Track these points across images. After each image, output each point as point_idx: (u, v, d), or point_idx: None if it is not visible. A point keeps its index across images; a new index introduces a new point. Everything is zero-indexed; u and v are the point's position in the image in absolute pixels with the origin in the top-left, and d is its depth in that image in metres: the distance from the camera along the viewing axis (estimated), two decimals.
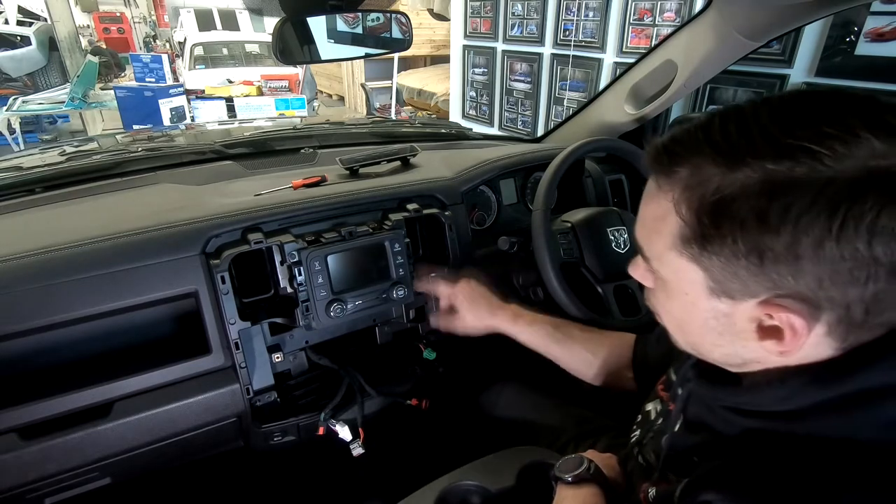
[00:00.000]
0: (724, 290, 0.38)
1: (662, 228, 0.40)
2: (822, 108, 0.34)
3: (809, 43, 1.98)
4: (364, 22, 1.04)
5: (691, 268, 0.39)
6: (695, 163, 0.37)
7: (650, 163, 0.41)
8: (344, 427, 0.92)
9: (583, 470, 0.60)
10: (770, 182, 0.33)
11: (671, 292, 0.43)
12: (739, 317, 0.39)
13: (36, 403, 0.72)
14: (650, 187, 0.42)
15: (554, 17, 3.07)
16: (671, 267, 0.41)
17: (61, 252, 0.75)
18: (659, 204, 0.40)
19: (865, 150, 0.31)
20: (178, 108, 4.90)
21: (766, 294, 0.36)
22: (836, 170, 0.31)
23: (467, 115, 4.05)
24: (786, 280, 0.35)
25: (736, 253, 0.35)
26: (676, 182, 0.38)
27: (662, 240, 0.40)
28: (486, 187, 1.17)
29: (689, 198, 0.37)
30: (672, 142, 0.39)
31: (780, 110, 0.35)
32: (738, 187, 0.34)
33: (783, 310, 0.36)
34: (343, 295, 0.89)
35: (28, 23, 6.84)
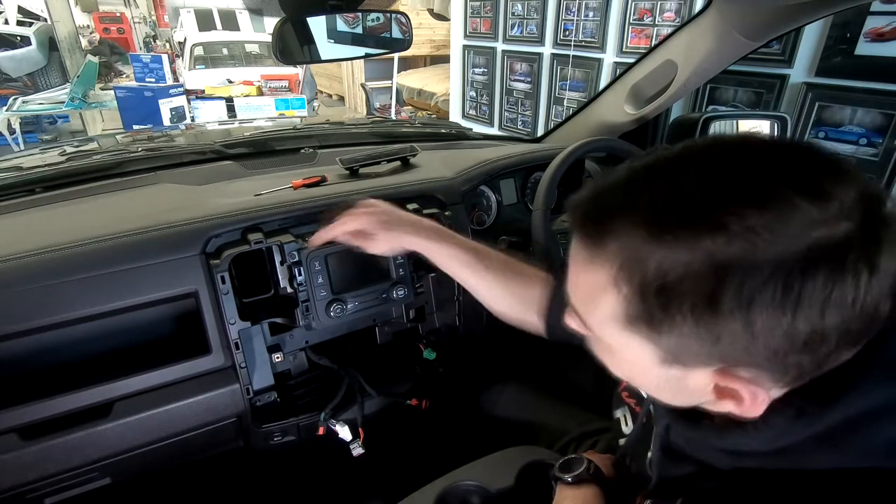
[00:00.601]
0: (676, 360, 0.36)
1: (601, 302, 0.37)
2: (749, 169, 0.32)
3: (809, 43, 1.98)
4: (364, 22, 1.04)
5: (638, 342, 0.36)
6: (626, 236, 0.34)
7: (576, 226, 0.38)
8: (344, 427, 0.92)
9: (583, 470, 0.60)
10: (715, 263, 0.31)
11: (618, 358, 0.41)
12: (694, 381, 0.37)
13: (36, 403, 0.72)
14: (580, 251, 0.38)
15: (554, 17, 3.07)
16: (615, 339, 0.38)
17: (61, 252, 0.75)
18: (595, 275, 0.36)
19: (804, 221, 0.30)
20: (178, 108, 4.90)
21: (720, 364, 0.35)
22: (781, 246, 0.30)
23: (467, 115, 4.06)
24: (740, 354, 0.33)
25: (687, 332, 0.33)
26: (611, 257, 0.35)
27: (602, 312, 0.37)
28: (486, 187, 1.17)
29: (629, 278, 0.34)
30: (598, 209, 0.36)
31: (706, 172, 0.33)
32: (682, 269, 0.32)
33: (737, 377, 0.34)
34: (343, 295, 0.89)
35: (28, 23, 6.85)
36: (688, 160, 0.34)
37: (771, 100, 2.15)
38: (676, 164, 0.34)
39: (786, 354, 0.32)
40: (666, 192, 0.33)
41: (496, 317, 0.79)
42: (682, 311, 0.32)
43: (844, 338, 0.32)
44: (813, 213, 0.30)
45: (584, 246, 0.37)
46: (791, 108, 2.07)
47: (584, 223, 0.37)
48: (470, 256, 0.76)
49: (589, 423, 0.87)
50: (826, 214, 0.30)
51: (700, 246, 0.31)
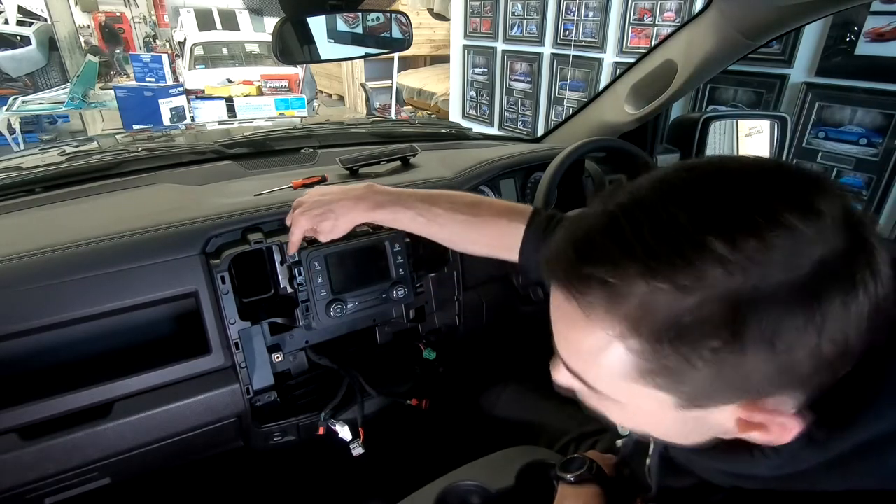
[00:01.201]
0: (696, 403, 0.34)
1: (606, 360, 0.34)
2: (735, 195, 0.31)
3: (809, 43, 1.99)
4: (364, 22, 1.04)
5: (653, 393, 0.34)
6: (625, 287, 0.31)
7: (560, 282, 0.35)
8: (344, 427, 0.92)
9: (584, 470, 0.60)
10: (728, 299, 0.29)
11: (629, 411, 0.38)
12: (715, 419, 0.35)
13: (36, 403, 0.72)
14: (570, 309, 0.35)
15: (554, 17, 3.07)
16: (623, 393, 0.36)
17: (61, 252, 0.75)
18: (593, 333, 0.34)
19: (803, 241, 0.29)
20: (178, 108, 4.90)
21: (744, 399, 0.33)
22: (789, 270, 0.29)
23: (467, 115, 4.06)
24: (765, 386, 0.32)
25: (709, 375, 0.31)
26: (611, 312, 0.32)
27: (608, 370, 0.34)
28: (486, 187, 1.17)
29: (636, 330, 0.31)
30: (582, 262, 0.33)
31: (692, 204, 0.31)
32: (695, 311, 0.30)
33: (763, 409, 0.33)
34: (343, 295, 0.89)
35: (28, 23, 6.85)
36: (667, 194, 0.33)
37: (771, 100, 2.15)
38: (657, 201, 0.32)
39: (810, 377, 0.31)
40: (655, 232, 0.31)
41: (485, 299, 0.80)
42: (702, 355, 0.30)
43: (863, 348, 0.31)
44: (810, 231, 0.29)
45: (573, 304, 0.34)
46: (791, 108, 2.07)
47: (570, 279, 0.34)
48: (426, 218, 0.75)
49: (589, 423, 0.87)
50: (822, 231, 0.29)
51: (707, 284, 0.29)
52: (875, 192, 1.92)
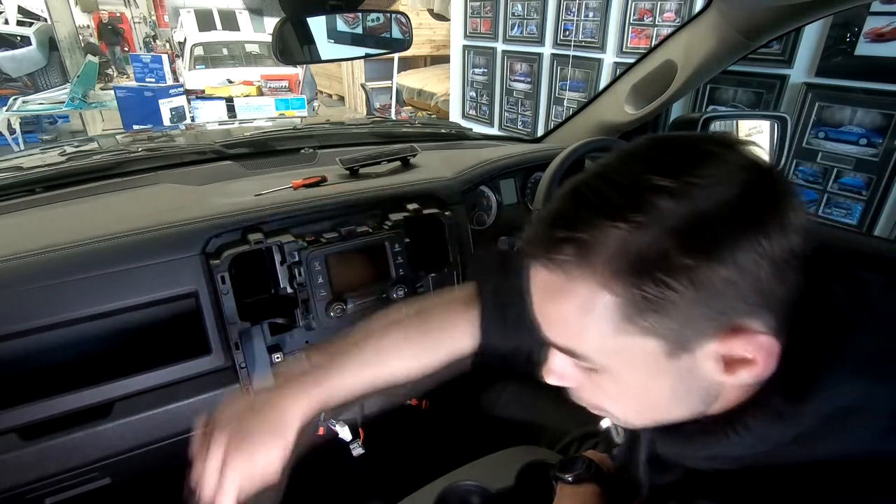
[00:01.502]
0: (682, 345, 0.36)
1: (595, 314, 0.36)
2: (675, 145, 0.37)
3: (809, 43, 1.99)
4: (364, 22, 1.04)
5: (644, 340, 0.36)
6: (600, 238, 0.35)
7: (541, 256, 0.38)
8: (344, 427, 0.92)
9: (583, 469, 0.60)
10: (685, 223, 0.33)
11: (622, 379, 0.40)
12: (703, 365, 0.37)
13: (36, 403, 0.73)
14: (552, 280, 0.37)
15: (554, 17, 3.07)
16: (617, 351, 0.38)
17: (61, 252, 0.75)
18: (579, 292, 0.36)
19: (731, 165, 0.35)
20: (178, 108, 4.90)
21: (724, 329, 0.35)
22: (727, 191, 0.34)
23: (467, 115, 4.06)
24: (737, 303, 0.34)
25: (687, 301, 0.34)
26: (592, 265, 0.35)
27: (598, 328, 0.37)
28: (486, 187, 1.17)
29: (616, 274, 0.34)
30: (558, 231, 0.36)
31: (641, 160, 0.37)
32: (661, 240, 0.33)
33: (746, 336, 0.35)
34: (343, 295, 0.89)
35: (28, 23, 6.85)
36: (618, 159, 0.38)
37: (771, 100, 2.15)
38: (609, 166, 0.38)
39: (771, 287, 0.34)
40: (611, 186, 0.36)
41: None
42: (675, 278, 0.33)
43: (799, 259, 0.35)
44: (734, 158, 0.35)
45: (553, 271, 0.37)
46: (791, 108, 2.07)
47: (546, 248, 0.37)
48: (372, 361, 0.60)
49: (589, 423, 0.87)
50: (743, 156, 0.35)
51: (663, 215, 0.33)
52: (875, 192, 1.92)
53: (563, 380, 0.44)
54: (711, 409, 0.40)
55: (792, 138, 2.04)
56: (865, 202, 1.96)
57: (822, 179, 2.06)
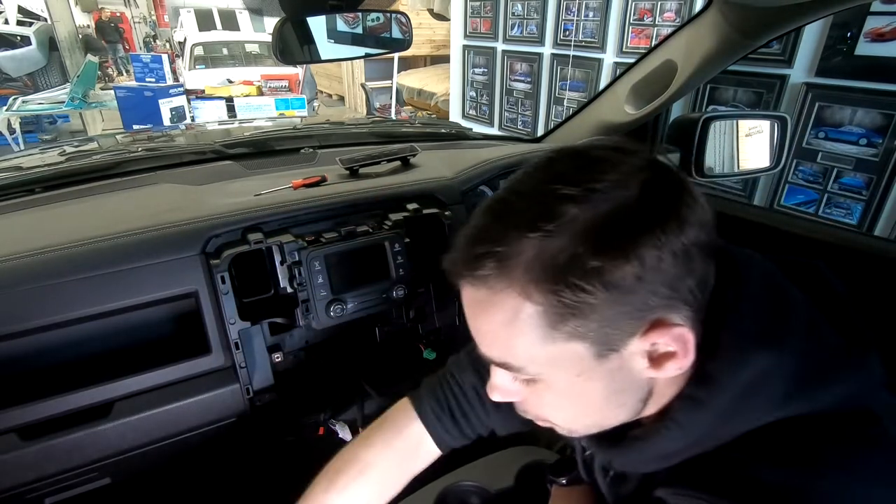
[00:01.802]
0: (608, 345, 0.37)
1: (520, 327, 0.37)
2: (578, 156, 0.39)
3: (809, 43, 1.99)
4: (364, 22, 1.04)
5: (571, 346, 0.37)
6: (514, 250, 0.36)
7: (464, 274, 0.39)
8: (344, 427, 0.92)
9: (577, 471, 0.60)
10: (590, 227, 0.35)
11: (558, 386, 0.41)
12: (632, 363, 0.39)
13: (36, 403, 0.72)
14: (477, 295, 0.39)
15: (554, 17, 3.07)
16: (549, 359, 0.39)
17: (61, 252, 0.75)
18: (501, 306, 0.38)
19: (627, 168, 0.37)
20: (178, 108, 4.90)
21: (643, 325, 0.37)
22: (627, 192, 0.35)
23: (467, 115, 4.06)
24: (650, 300, 0.36)
25: (603, 302, 0.35)
26: (509, 276, 0.36)
27: (526, 338, 0.38)
28: (486, 187, 1.17)
29: (533, 282, 0.36)
30: (476, 249, 0.38)
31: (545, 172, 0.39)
32: (568, 246, 0.35)
33: (663, 329, 0.37)
34: (343, 295, 0.89)
35: (28, 23, 6.85)
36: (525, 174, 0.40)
37: (771, 100, 2.15)
38: (517, 181, 0.40)
39: (678, 279, 0.36)
40: (520, 198, 0.38)
41: None
42: (587, 280, 0.35)
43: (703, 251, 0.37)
44: (632, 159, 0.37)
45: (476, 286, 0.39)
46: (791, 108, 2.07)
47: (467, 265, 0.38)
48: None
49: None
50: (640, 159, 0.37)
51: (568, 220, 0.35)
52: (875, 192, 1.92)
53: (507, 395, 0.45)
54: (648, 409, 0.42)
55: (792, 138, 2.04)
56: (865, 202, 1.96)
57: (822, 179, 2.06)
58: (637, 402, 0.42)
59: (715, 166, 1.25)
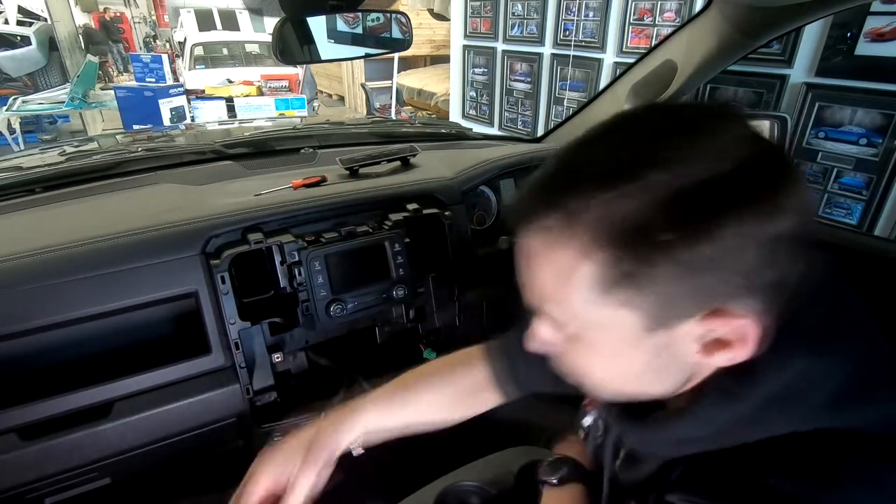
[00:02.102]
0: (661, 321, 0.35)
1: (575, 280, 0.35)
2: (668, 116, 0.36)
3: (809, 43, 1.98)
4: (364, 22, 1.04)
5: (621, 313, 0.35)
6: (583, 203, 0.34)
7: (523, 224, 0.37)
8: None
9: (567, 470, 0.60)
10: (671, 196, 0.32)
11: (598, 348, 0.39)
12: (680, 344, 0.36)
13: (36, 403, 0.73)
14: (535, 245, 0.37)
15: (554, 17, 3.07)
16: (595, 321, 0.37)
17: (61, 252, 0.75)
18: (558, 260, 0.36)
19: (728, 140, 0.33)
20: (178, 108, 4.90)
21: (704, 309, 0.34)
22: (718, 167, 0.32)
23: (467, 115, 4.06)
24: (721, 287, 0.33)
25: (667, 277, 0.33)
26: (574, 230, 0.34)
27: (577, 296, 0.36)
28: (486, 187, 1.17)
29: (598, 240, 0.33)
30: (542, 197, 0.36)
31: (630, 128, 0.36)
32: (646, 210, 0.32)
33: (725, 317, 0.34)
34: (343, 295, 0.89)
35: (28, 23, 6.85)
36: (605, 127, 0.37)
37: (771, 100, 2.15)
38: (597, 134, 0.37)
39: (756, 270, 0.33)
40: (599, 152, 0.36)
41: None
42: (657, 251, 0.32)
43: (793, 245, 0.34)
44: (734, 129, 0.34)
45: (538, 237, 0.37)
46: (791, 108, 2.07)
47: (531, 214, 0.37)
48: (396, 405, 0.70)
49: None
50: (743, 130, 0.34)
51: (649, 184, 0.32)
52: (875, 192, 1.92)
53: (545, 346, 0.43)
54: (685, 388, 0.40)
55: (792, 138, 2.04)
56: (865, 202, 1.96)
57: (822, 179, 2.06)
58: (675, 381, 0.40)
59: None
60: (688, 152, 0.33)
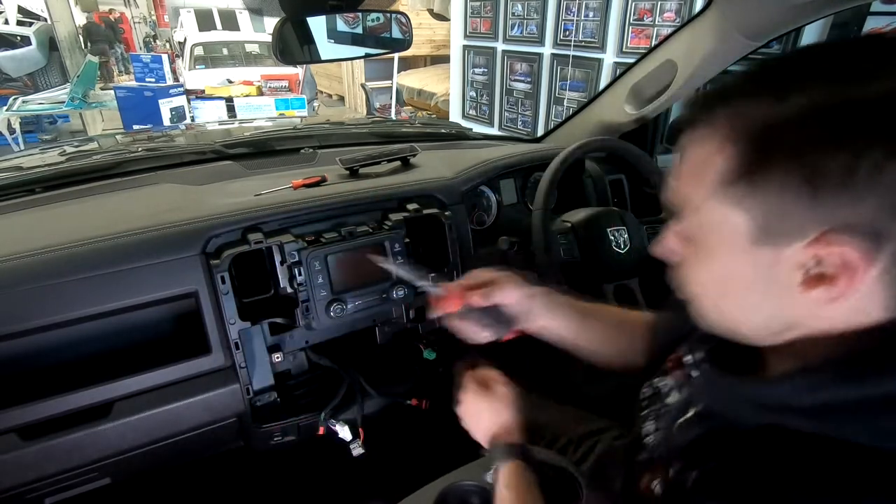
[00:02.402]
0: (769, 234, 0.35)
1: (704, 173, 0.38)
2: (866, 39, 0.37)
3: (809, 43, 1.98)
4: (364, 22, 1.04)
5: (734, 213, 0.36)
6: (734, 101, 0.37)
7: (689, 113, 0.40)
8: (344, 427, 0.92)
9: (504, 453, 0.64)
10: (822, 105, 0.32)
11: (709, 252, 0.40)
12: (784, 265, 0.35)
13: (36, 403, 0.72)
14: (687, 139, 0.40)
15: (554, 17, 3.07)
16: (710, 218, 0.38)
17: (61, 252, 0.75)
18: (700, 147, 0.38)
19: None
20: (178, 108, 4.90)
21: (816, 231, 0.33)
22: (887, 83, 0.31)
23: (467, 115, 4.06)
24: (840, 210, 0.32)
25: (785, 184, 0.33)
26: (717, 124, 0.37)
27: (703, 187, 0.38)
28: (486, 187, 1.17)
29: (736, 130, 0.35)
30: (706, 95, 0.39)
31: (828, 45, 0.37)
32: (789, 112, 0.33)
33: (836, 245, 0.32)
34: (343, 295, 0.89)
35: (28, 23, 6.85)
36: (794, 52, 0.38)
37: None
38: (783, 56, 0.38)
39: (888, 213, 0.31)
40: (769, 62, 0.37)
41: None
42: (782, 156, 0.33)
43: None
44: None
45: (687, 137, 0.40)
46: None
47: (693, 109, 0.40)
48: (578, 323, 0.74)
49: (587, 422, 0.87)
50: None
51: (810, 93, 0.33)
52: None
53: (665, 253, 0.46)
54: (779, 338, 0.40)
55: None
56: None
57: None
58: (772, 318, 0.39)
59: None
60: (867, 70, 0.32)
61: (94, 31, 8.99)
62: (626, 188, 1.33)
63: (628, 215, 1.09)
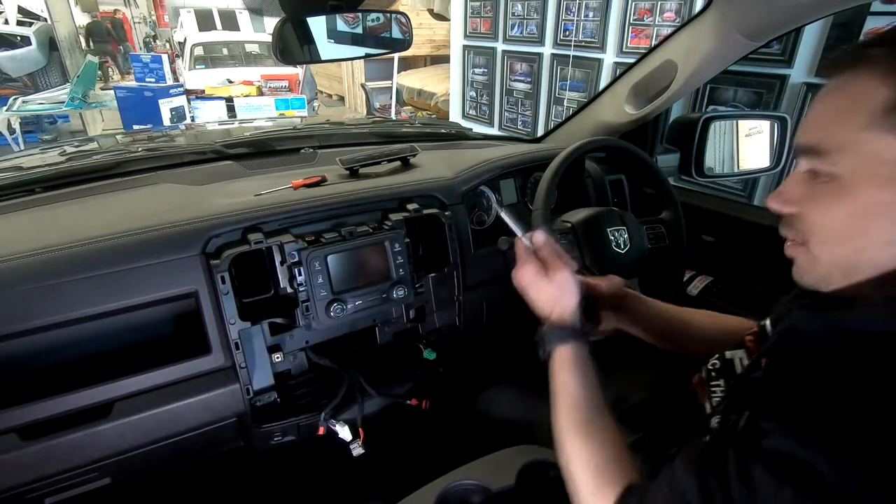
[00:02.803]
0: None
1: (858, 108, 0.40)
2: None
3: (809, 43, 1.99)
4: (364, 22, 1.04)
5: (887, 141, 0.39)
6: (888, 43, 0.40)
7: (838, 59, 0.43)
8: (344, 427, 0.92)
9: None
10: None
11: (853, 187, 0.41)
12: None
13: (36, 403, 0.72)
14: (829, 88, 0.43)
15: (554, 17, 3.07)
16: (867, 149, 0.40)
17: (61, 252, 0.75)
18: (854, 86, 0.41)
19: None
20: (178, 108, 4.90)
21: None
22: None
23: (467, 115, 4.06)
24: None
25: None
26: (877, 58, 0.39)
27: (854, 123, 0.40)
28: (486, 187, 1.17)
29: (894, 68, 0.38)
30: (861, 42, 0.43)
31: None
32: None
33: None
34: (343, 295, 0.89)
35: (28, 23, 6.85)
36: None
37: (771, 100, 2.15)
38: None
39: None
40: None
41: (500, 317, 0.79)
42: None
43: None
44: None
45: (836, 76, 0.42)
46: (791, 108, 2.07)
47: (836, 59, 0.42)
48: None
49: None
50: None
51: None
52: None
53: (786, 203, 0.46)
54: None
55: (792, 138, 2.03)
56: None
57: None
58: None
59: (715, 166, 1.25)
60: None
61: (97, 30, 9.00)
62: (626, 188, 1.33)
63: (628, 215, 1.09)
